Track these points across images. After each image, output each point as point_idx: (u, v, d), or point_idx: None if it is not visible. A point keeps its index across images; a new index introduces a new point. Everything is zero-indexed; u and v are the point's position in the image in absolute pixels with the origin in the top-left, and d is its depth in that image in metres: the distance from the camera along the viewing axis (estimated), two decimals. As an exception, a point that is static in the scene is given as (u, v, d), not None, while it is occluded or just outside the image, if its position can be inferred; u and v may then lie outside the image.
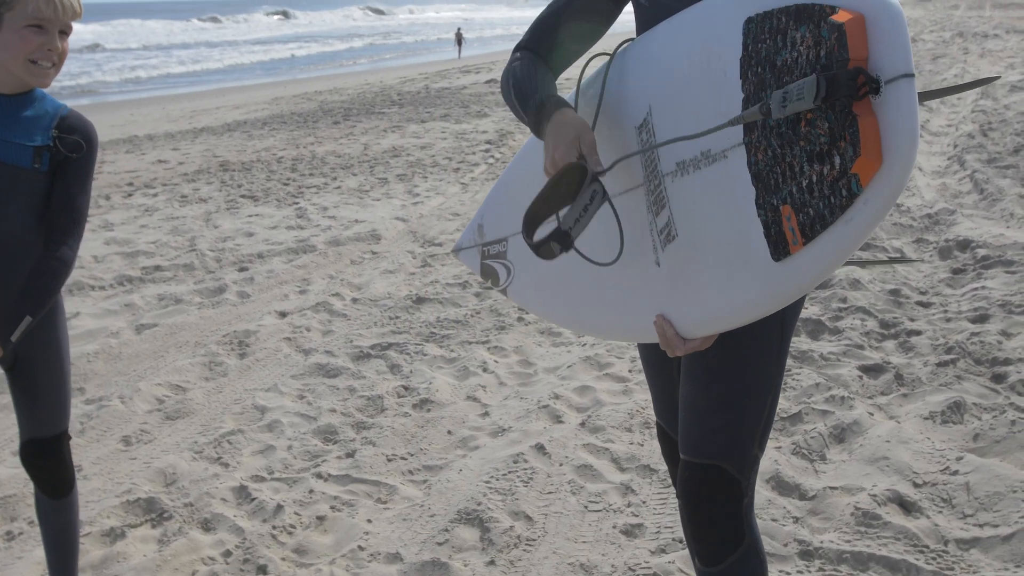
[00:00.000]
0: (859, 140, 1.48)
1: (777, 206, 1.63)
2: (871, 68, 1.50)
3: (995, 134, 10.40)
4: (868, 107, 1.49)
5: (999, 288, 5.49)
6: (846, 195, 1.51)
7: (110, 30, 69.05)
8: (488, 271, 2.54)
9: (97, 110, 21.65)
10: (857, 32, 1.51)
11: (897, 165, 1.47)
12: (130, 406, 4.53)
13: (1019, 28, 28.97)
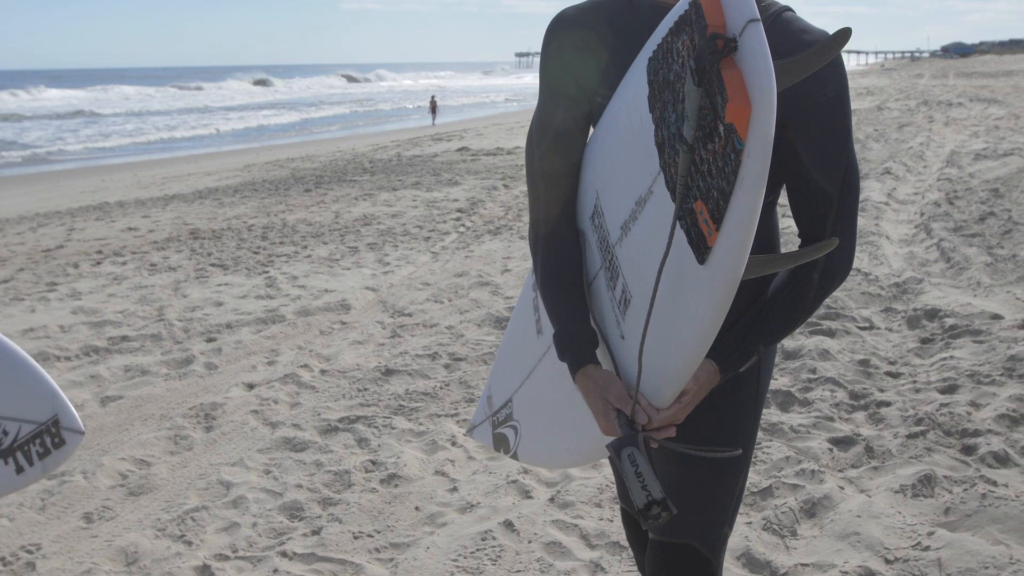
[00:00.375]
0: (726, 91, 1.51)
1: (692, 208, 1.64)
2: (729, 31, 1.55)
3: (961, 202, 10.56)
4: (731, 63, 1.53)
5: (967, 358, 5.52)
6: (734, 157, 1.53)
7: (92, 96, 69.35)
8: (500, 440, 2.51)
9: (69, 176, 21.63)
10: (711, 2, 1.58)
11: (761, 106, 1.49)
12: (93, 481, 4.45)
13: (982, 96, 29.59)
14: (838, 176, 1.89)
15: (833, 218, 1.90)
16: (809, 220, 1.93)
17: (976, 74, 53.75)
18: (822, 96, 1.86)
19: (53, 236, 11.44)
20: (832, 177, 1.89)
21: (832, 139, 1.89)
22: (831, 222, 1.91)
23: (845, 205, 1.91)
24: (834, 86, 1.87)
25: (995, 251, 8.13)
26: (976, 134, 17.95)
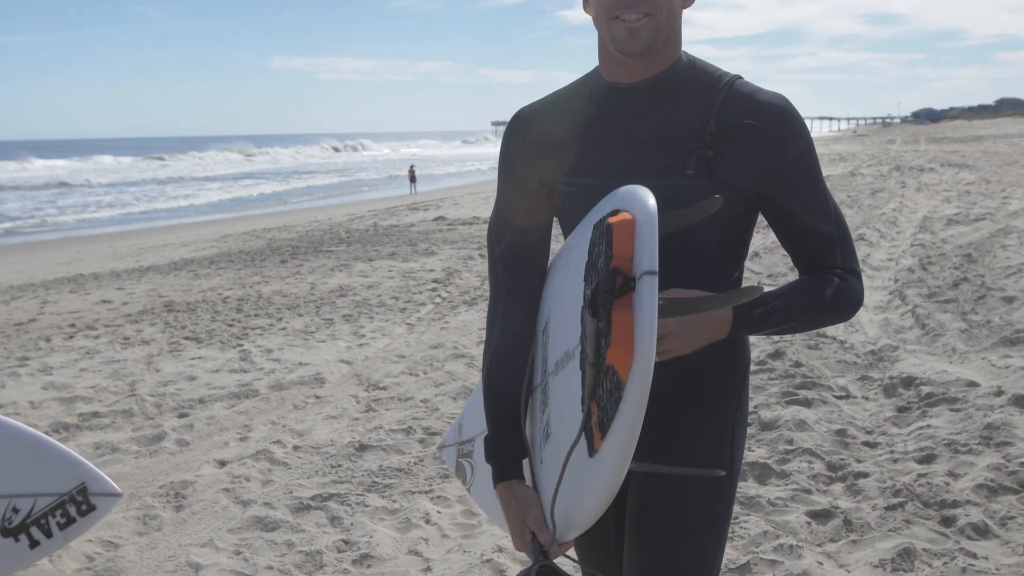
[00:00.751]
0: (611, 333, 1.60)
1: (589, 404, 1.70)
2: (635, 264, 1.62)
3: (934, 268, 10.64)
4: (626, 302, 1.61)
5: (944, 427, 5.51)
6: (616, 390, 1.61)
7: (73, 166, 69.41)
8: (460, 469, 2.60)
9: (44, 248, 21.54)
10: (623, 232, 1.65)
11: (641, 358, 1.57)
12: (58, 565, 4.34)
13: (953, 161, 30.02)
14: (831, 216, 2.00)
15: (840, 253, 2.02)
16: (817, 260, 2.03)
17: (947, 139, 54.60)
18: (792, 152, 1.95)
19: (26, 309, 11.34)
20: (826, 218, 1.99)
21: (812, 186, 1.99)
22: (840, 256, 2.02)
23: (844, 239, 2.02)
24: (798, 141, 1.96)
25: (969, 317, 8.17)
26: (948, 199, 18.16)
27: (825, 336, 7.59)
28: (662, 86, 2.00)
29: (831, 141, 71.46)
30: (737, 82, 2.00)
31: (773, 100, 1.97)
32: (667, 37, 1.96)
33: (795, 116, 1.98)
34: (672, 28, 1.97)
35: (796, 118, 1.97)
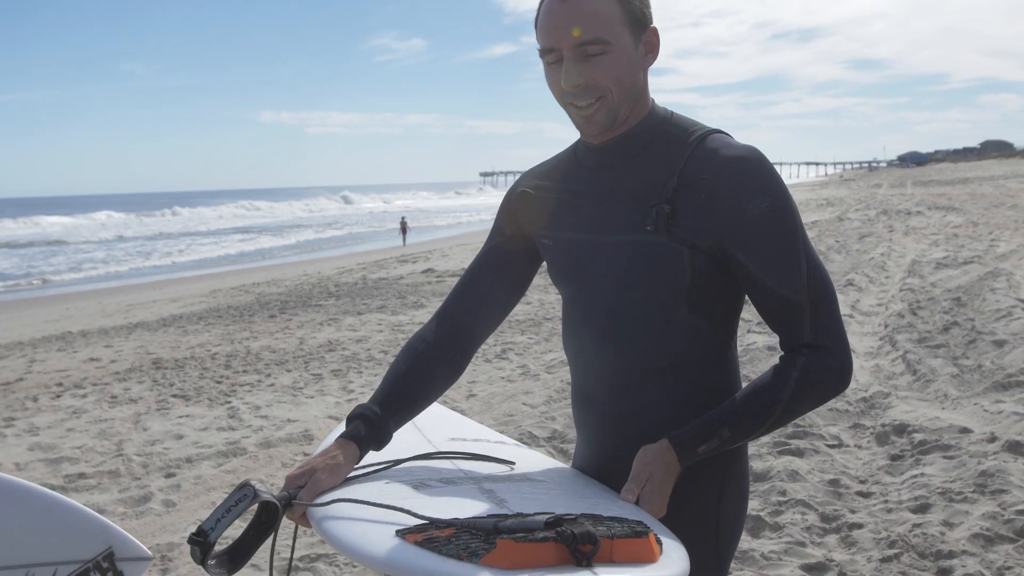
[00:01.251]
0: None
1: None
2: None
3: (924, 312, 10.63)
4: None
5: (938, 475, 5.47)
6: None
7: (73, 222, 69.67)
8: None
9: (33, 305, 21.45)
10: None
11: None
12: (40, 633, 4.25)
13: (940, 205, 30.21)
14: (799, 282, 1.87)
15: (810, 324, 1.88)
16: (783, 329, 1.92)
17: (933, 182, 55.02)
18: (753, 209, 1.86)
19: (13, 368, 11.26)
20: (792, 284, 1.87)
21: (777, 247, 1.88)
22: (809, 328, 1.88)
23: (820, 309, 1.88)
24: (761, 197, 1.87)
25: (960, 362, 8.15)
26: (936, 243, 18.24)
27: (816, 384, 7.56)
28: (631, 143, 2.01)
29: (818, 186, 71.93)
30: (710, 137, 1.95)
31: (737, 154, 1.90)
32: (631, 105, 1.98)
33: (760, 171, 1.89)
34: (632, 96, 1.98)
35: (761, 173, 1.88)
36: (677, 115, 2.04)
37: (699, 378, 1.99)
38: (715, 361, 2.01)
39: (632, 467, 1.87)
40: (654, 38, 1.99)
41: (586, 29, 1.89)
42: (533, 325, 11.87)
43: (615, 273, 1.99)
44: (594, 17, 1.89)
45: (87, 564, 2.06)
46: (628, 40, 1.93)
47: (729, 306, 2.00)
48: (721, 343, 2.01)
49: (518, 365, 9.55)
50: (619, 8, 1.92)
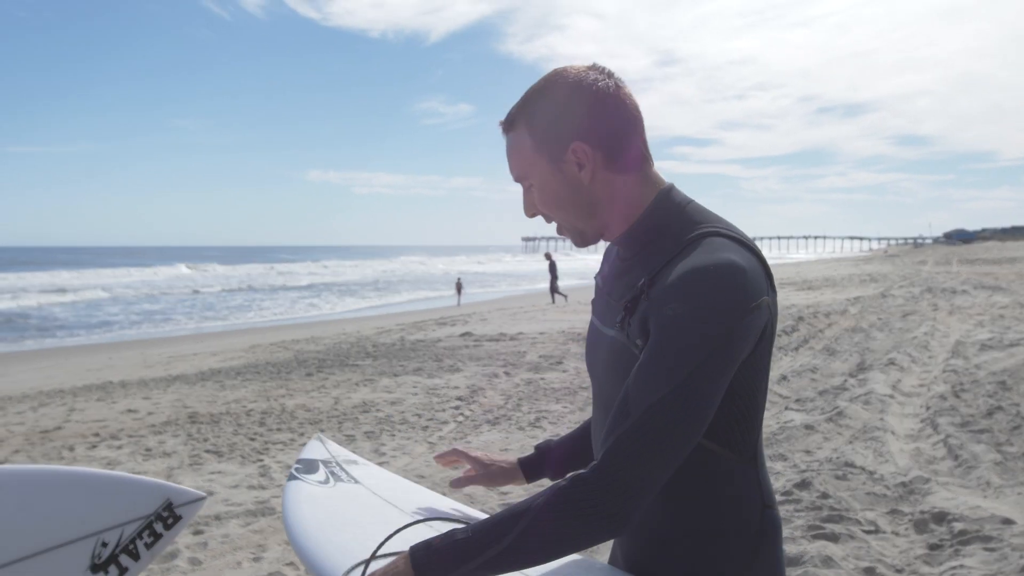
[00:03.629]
0: None
1: None
2: None
3: (967, 395, 10.44)
4: None
5: (978, 567, 5.32)
6: None
7: (144, 276, 71.34)
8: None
9: (77, 353, 21.71)
10: None
11: None
12: None
13: (986, 284, 29.83)
14: (647, 395, 1.70)
15: (613, 436, 1.72)
16: (606, 431, 1.76)
17: (979, 260, 54.43)
18: (666, 312, 1.75)
19: (52, 416, 11.36)
20: (640, 390, 1.71)
21: (657, 351, 1.72)
22: (609, 439, 1.72)
23: (636, 434, 1.68)
24: (681, 305, 1.73)
25: (1004, 448, 7.98)
26: (981, 323, 17.97)
27: (854, 467, 7.43)
28: (632, 242, 2.00)
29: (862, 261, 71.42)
30: (703, 241, 1.84)
31: (699, 263, 1.76)
32: (596, 218, 1.99)
33: (699, 283, 1.73)
34: (588, 211, 1.98)
35: (698, 285, 1.72)
36: (694, 206, 1.96)
37: (703, 494, 1.92)
38: (721, 475, 1.91)
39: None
40: (580, 155, 1.91)
41: (513, 167, 1.98)
42: (568, 394, 11.81)
43: (604, 365, 2.01)
44: (515, 156, 1.97)
45: (150, 518, 2.37)
46: (543, 167, 1.93)
47: (729, 420, 1.87)
48: (726, 459, 1.91)
49: (551, 434, 9.48)
50: (529, 140, 1.93)
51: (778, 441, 8.54)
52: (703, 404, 1.71)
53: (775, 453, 8.10)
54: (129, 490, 2.40)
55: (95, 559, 2.30)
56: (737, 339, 1.73)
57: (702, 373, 1.69)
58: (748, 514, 1.93)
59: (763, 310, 1.79)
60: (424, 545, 1.76)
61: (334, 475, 2.57)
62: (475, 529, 1.74)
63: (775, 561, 1.97)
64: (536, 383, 12.76)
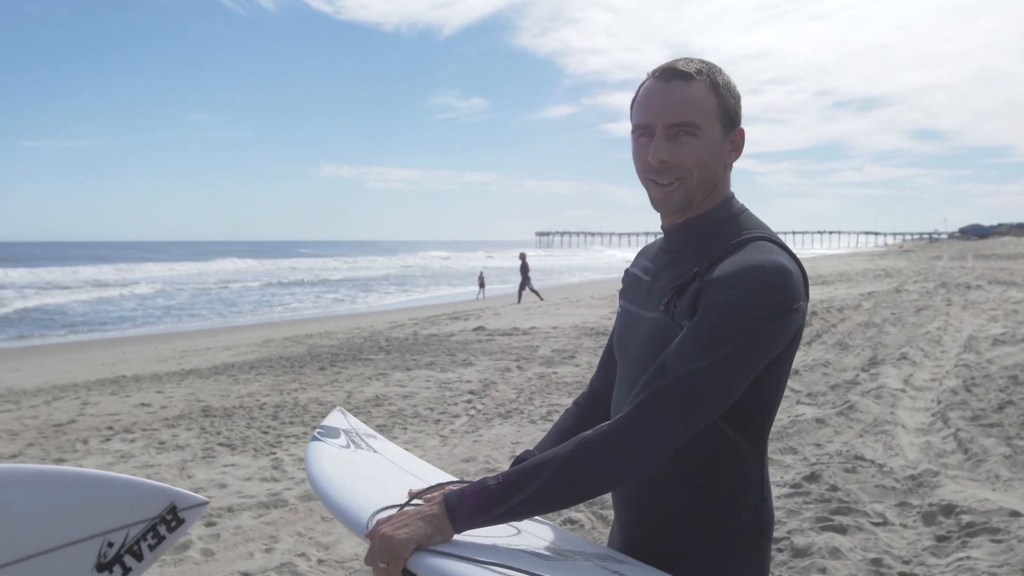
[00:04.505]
0: None
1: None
2: None
3: (979, 390, 10.43)
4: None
5: (985, 559, 5.34)
6: None
7: (161, 271, 71.81)
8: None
9: (92, 347, 21.83)
10: None
11: None
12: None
13: (1001, 279, 29.70)
14: (686, 363, 1.82)
15: (644, 389, 1.85)
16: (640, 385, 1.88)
17: (995, 256, 54.18)
18: (720, 295, 1.87)
19: (66, 410, 11.45)
20: (681, 358, 1.84)
21: (706, 328, 1.85)
22: (640, 392, 1.85)
23: (668, 394, 1.81)
24: (738, 292, 1.85)
25: (1014, 442, 7.98)
26: (995, 318, 17.92)
27: (864, 460, 7.45)
28: (693, 232, 2.10)
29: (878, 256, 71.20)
30: (753, 243, 1.99)
31: (754, 260, 1.91)
32: (706, 193, 2.08)
33: (758, 277, 1.87)
34: (709, 184, 2.07)
35: (757, 278, 1.87)
36: (747, 215, 2.11)
37: (711, 475, 2.01)
38: (730, 460, 2.01)
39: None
40: (740, 138, 2.09)
41: (682, 112, 2.01)
42: (580, 387, 11.84)
43: (639, 347, 2.08)
44: (690, 103, 2.01)
45: (154, 520, 2.41)
46: (717, 131, 2.04)
47: (749, 409, 1.98)
48: (738, 446, 2.01)
49: (562, 428, 9.51)
50: (714, 101, 2.03)
51: (789, 435, 8.56)
52: (733, 383, 1.83)
53: (785, 446, 8.11)
54: (135, 493, 2.44)
55: (101, 558, 2.35)
56: (776, 334, 1.86)
57: (740, 355, 1.82)
58: (747, 504, 2.03)
59: (800, 314, 1.92)
60: (458, 492, 1.87)
61: (355, 443, 2.64)
62: (505, 476, 1.85)
63: (766, 551, 2.08)
64: (548, 377, 12.80)
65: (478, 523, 1.84)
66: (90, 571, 2.34)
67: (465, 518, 1.83)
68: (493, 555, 1.79)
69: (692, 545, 2.00)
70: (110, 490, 2.42)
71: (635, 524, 2.10)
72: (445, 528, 1.82)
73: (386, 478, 2.44)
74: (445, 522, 1.83)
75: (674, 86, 2.02)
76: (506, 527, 2.12)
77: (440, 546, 1.81)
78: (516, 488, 1.82)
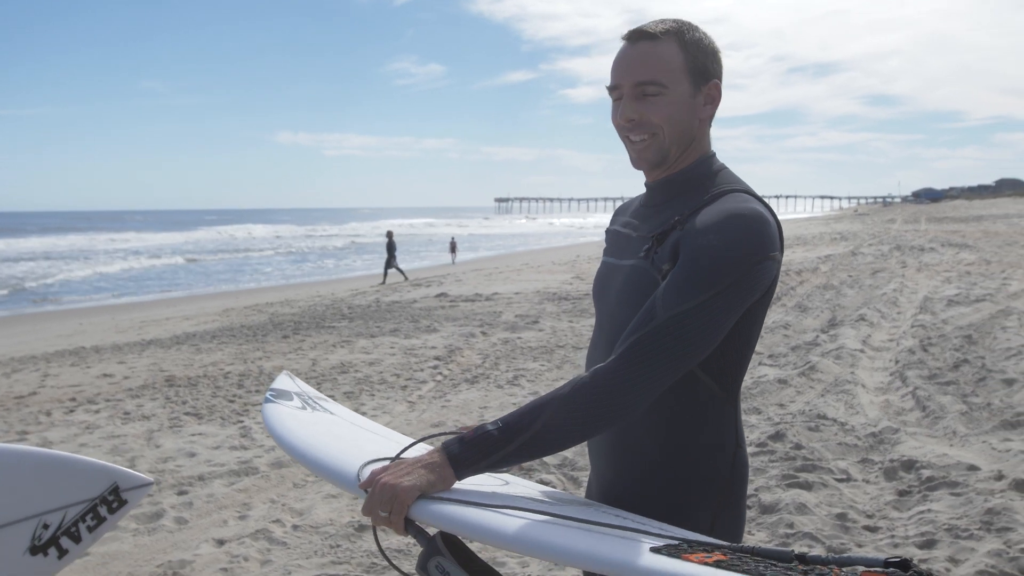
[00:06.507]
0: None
1: None
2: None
3: (935, 349, 10.63)
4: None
5: (945, 511, 5.49)
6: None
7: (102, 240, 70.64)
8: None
9: (47, 319, 21.59)
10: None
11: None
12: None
13: (953, 241, 30.15)
14: (673, 306, 1.89)
15: (636, 331, 1.91)
16: (626, 332, 1.94)
17: (947, 219, 54.90)
18: (701, 240, 1.94)
19: (27, 382, 11.35)
20: (668, 301, 1.90)
21: (689, 271, 1.92)
22: (631, 335, 1.91)
23: (656, 337, 1.88)
24: (718, 237, 1.93)
25: (970, 399, 8.17)
26: (948, 280, 18.22)
27: (826, 419, 7.60)
28: (673, 186, 2.17)
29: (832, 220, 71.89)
30: (730, 194, 2.06)
31: (733, 208, 1.99)
32: (681, 148, 2.14)
33: (736, 224, 1.95)
34: (684, 140, 2.13)
35: (735, 225, 1.94)
36: (726, 172, 2.17)
37: (689, 422, 2.08)
38: (707, 408, 2.09)
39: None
40: (715, 91, 2.14)
41: (645, 71, 2.08)
42: (545, 352, 11.92)
43: (618, 295, 2.16)
44: (655, 61, 2.08)
45: (94, 501, 2.34)
46: (685, 87, 2.10)
47: (724, 358, 2.06)
48: (714, 394, 2.09)
49: (530, 392, 9.60)
50: (681, 57, 2.09)
51: (753, 395, 8.69)
52: (717, 324, 1.91)
53: (750, 407, 8.25)
54: (75, 472, 2.38)
55: (35, 540, 2.30)
56: (755, 278, 1.94)
57: (723, 297, 1.90)
58: (724, 449, 2.12)
59: (776, 262, 2.01)
60: (457, 439, 1.89)
61: (310, 406, 2.62)
62: (504, 421, 1.89)
63: (742, 496, 2.17)
64: (513, 342, 12.86)
65: (480, 468, 1.88)
66: (23, 554, 2.28)
67: (466, 464, 1.86)
68: (497, 500, 1.83)
69: (673, 491, 2.08)
70: (48, 469, 2.35)
71: (615, 473, 2.16)
72: (447, 475, 1.85)
73: (354, 437, 2.44)
74: (447, 469, 1.85)
75: (640, 47, 2.10)
76: (495, 479, 2.17)
77: (442, 493, 1.84)
78: (516, 431, 1.87)
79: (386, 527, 1.84)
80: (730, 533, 2.10)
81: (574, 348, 12.09)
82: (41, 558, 2.32)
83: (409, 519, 1.81)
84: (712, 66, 2.13)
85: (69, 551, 2.35)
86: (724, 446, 2.11)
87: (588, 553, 1.58)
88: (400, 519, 1.80)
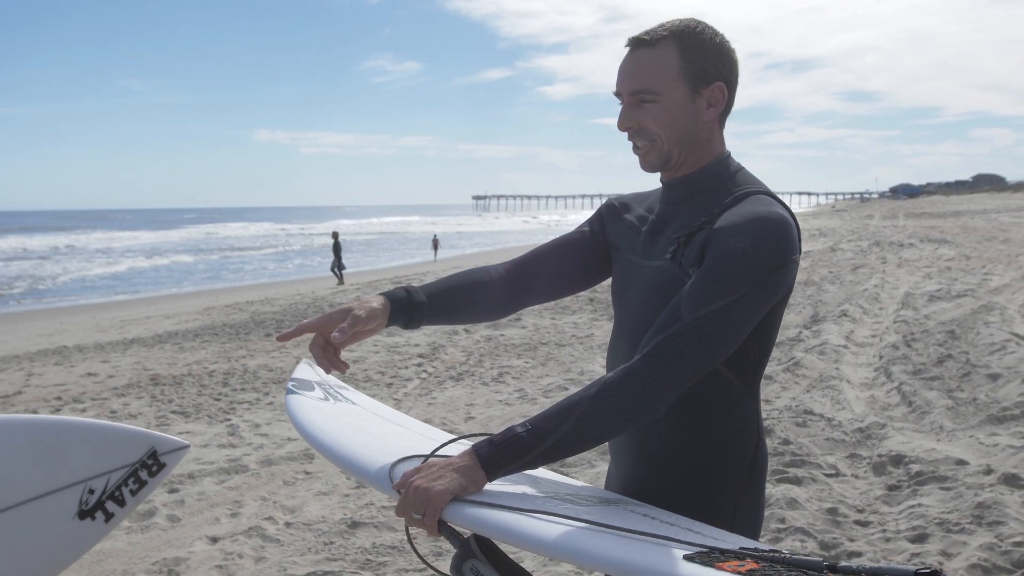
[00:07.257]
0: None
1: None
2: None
3: (918, 344, 10.70)
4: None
5: (935, 505, 5.53)
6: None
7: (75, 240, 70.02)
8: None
9: (26, 318, 21.45)
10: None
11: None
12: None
13: (932, 237, 30.32)
14: (698, 309, 1.92)
15: (660, 332, 1.94)
16: (651, 332, 1.97)
17: (925, 215, 55.19)
18: (730, 243, 1.96)
19: (11, 382, 11.29)
20: (692, 304, 1.93)
21: (716, 274, 1.94)
22: (655, 336, 1.94)
23: (682, 338, 1.91)
24: (747, 241, 1.95)
25: (955, 394, 8.23)
26: (929, 275, 18.34)
27: (813, 414, 7.64)
28: (689, 186, 2.19)
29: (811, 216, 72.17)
30: (754, 196, 2.09)
31: (759, 211, 2.01)
32: (686, 151, 2.16)
33: (765, 228, 1.97)
34: (686, 143, 2.15)
35: (764, 229, 1.97)
36: (744, 172, 2.20)
37: (712, 415, 2.12)
38: (729, 402, 2.13)
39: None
40: (718, 93, 2.14)
41: (638, 80, 2.11)
42: (529, 349, 11.94)
43: (640, 295, 2.18)
44: (649, 69, 2.10)
45: (135, 465, 2.47)
46: (681, 93, 2.11)
47: (747, 355, 2.10)
48: (736, 389, 2.13)
49: (515, 389, 9.61)
50: (678, 62, 2.10)
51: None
52: (740, 325, 1.95)
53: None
54: (115, 439, 2.47)
55: (83, 505, 2.40)
56: (779, 281, 1.99)
57: (748, 299, 1.94)
58: (747, 442, 2.16)
59: (797, 264, 2.04)
60: (486, 442, 1.92)
61: (332, 396, 2.62)
62: (533, 423, 1.91)
63: (762, 485, 2.21)
64: (496, 339, 12.87)
65: (511, 470, 1.90)
66: (72, 518, 2.39)
67: (497, 466, 1.89)
68: (528, 503, 1.84)
69: (696, 478, 2.11)
70: (90, 437, 2.45)
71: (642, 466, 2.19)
72: (479, 478, 1.88)
73: (381, 431, 2.45)
74: (478, 472, 1.88)
75: (637, 54, 2.13)
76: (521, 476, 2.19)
77: (474, 496, 1.86)
78: (545, 434, 1.89)
79: (420, 528, 1.85)
80: (751, 520, 2.15)
81: (557, 345, 12.11)
82: (89, 522, 2.41)
83: (442, 520, 1.83)
84: (715, 67, 2.13)
85: (115, 515, 2.45)
86: (745, 438, 2.15)
87: (622, 560, 1.60)
88: (433, 522, 1.82)
